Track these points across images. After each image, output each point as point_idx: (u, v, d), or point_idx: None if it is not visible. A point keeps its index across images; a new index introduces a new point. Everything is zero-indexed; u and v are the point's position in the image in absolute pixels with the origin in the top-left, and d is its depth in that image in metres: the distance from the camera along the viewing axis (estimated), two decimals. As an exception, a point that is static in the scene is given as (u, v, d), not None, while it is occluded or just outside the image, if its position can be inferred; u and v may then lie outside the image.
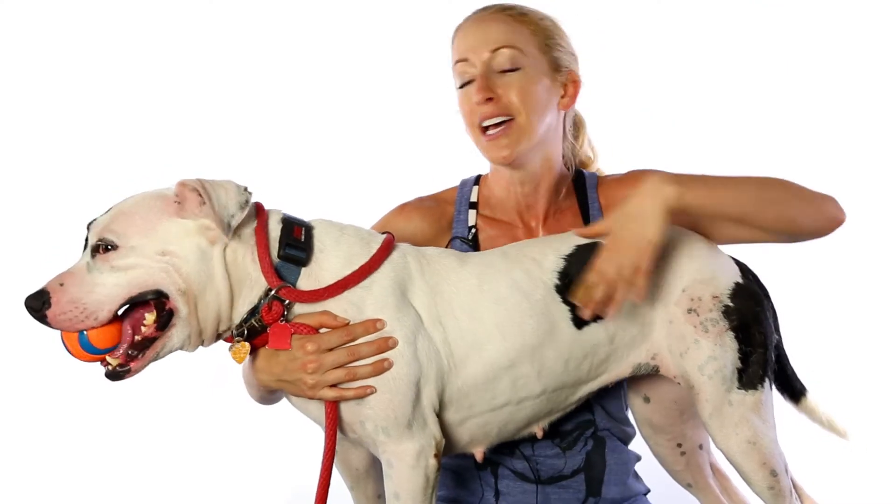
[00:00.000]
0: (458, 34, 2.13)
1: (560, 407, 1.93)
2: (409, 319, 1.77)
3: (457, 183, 2.28)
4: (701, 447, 2.14)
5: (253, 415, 1.96)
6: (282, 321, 1.75)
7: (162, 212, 1.71)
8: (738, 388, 1.87)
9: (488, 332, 1.81)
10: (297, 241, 1.77)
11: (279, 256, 1.75)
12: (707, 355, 1.86)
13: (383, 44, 3.89)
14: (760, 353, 1.88)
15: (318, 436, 1.83)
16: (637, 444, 2.23)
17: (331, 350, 1.74)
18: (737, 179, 1.88)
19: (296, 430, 1.93)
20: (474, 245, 2.15)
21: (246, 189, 1.75)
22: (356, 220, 2.15)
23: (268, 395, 1.95)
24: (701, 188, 1.83)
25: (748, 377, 1.87)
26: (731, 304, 1.87)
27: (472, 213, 2.19)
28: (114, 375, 1.71)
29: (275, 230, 1.78)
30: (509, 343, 1.82)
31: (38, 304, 1.66)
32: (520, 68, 2.05)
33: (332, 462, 1.79)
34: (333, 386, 1.75)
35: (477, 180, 2.24)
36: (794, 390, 2.02)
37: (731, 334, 1.86)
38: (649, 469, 2.24)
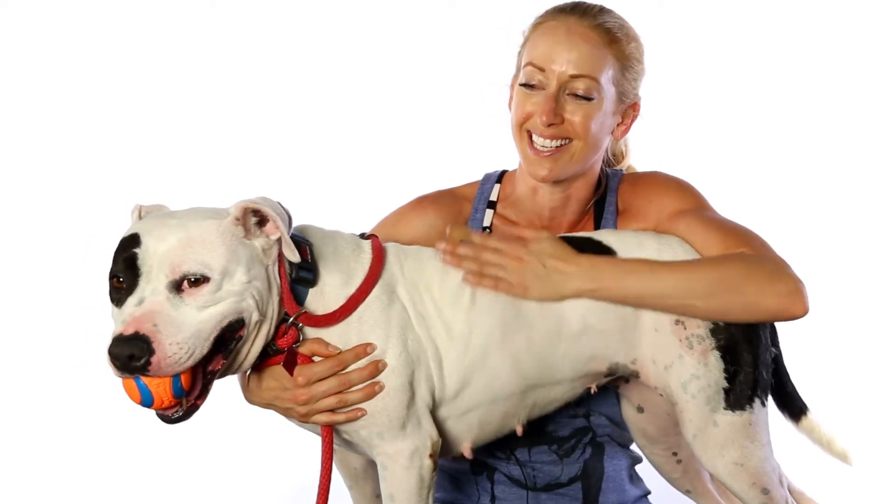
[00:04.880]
0: (541, 33, 1.99)
1: (540, 404, 1.90)
2: (398, 327, 1.76)
3: (479, 177, 2.20)
4: (697, 454, 2.12)
5: (251, 412, 1.96)
6: (295, 346, 1.73)
7: (235, 236, 1.63)
8: (725, 409, 1.83)
9: (459, 330, 1.80)
10: (306, 263, 1.73)
11: (291, 279, 1.72)
12: (690, 373, 1.82)
13: (398, 38, 3.87)
14: (749, 373, 1.83)
15: (317, 433, 1.83)
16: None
17: (322, 380, 1.73)
18: (683, 273, 1.81)
19: (295, 427, 1.92)
20: None
21: (281, 205, 1.70)
22: (368, 217, 2.15)
23: None
24: (617, 287, 1.81)
25: (735, 397, 1.82)
26: (720, 323, 1.82)
27: (489, 212, 2.12)
28: (184, 416, 1.62)
29: None
30: (475, 342, 1.80)
31: (143, 352, 1.51)
32: (592, 99, 1.96)
33: (330, 480, 1.78)
34: (326, 410, 1.75)
35: (500, 177, 2.16)
36: (793, 408, 1.97)
37: (716, 354, 1.82)
38: (650, 469, 2.22)
